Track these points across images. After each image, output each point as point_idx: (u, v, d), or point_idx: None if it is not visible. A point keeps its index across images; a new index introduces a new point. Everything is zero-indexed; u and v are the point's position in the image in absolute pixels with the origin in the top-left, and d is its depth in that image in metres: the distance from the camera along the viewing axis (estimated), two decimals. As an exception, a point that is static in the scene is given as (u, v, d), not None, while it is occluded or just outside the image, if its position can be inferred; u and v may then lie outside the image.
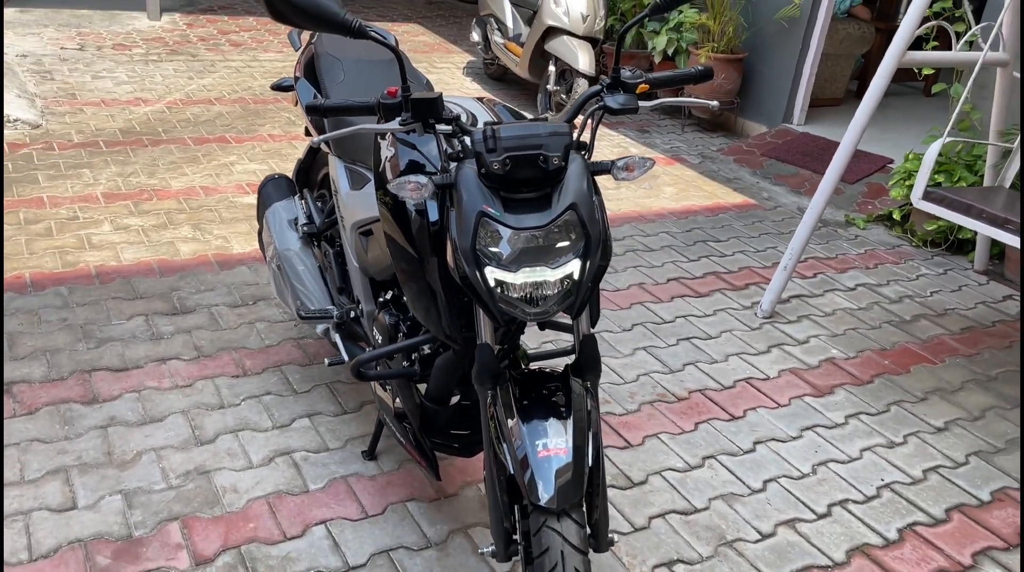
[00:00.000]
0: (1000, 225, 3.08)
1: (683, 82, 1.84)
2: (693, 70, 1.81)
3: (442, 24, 8.15)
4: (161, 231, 3.56)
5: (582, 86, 5.39)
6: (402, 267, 1.85)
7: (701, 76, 1.82)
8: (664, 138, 5.74)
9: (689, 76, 1.82)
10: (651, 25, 6.05)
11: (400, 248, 1.83)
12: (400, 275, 1.87)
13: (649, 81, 1.78)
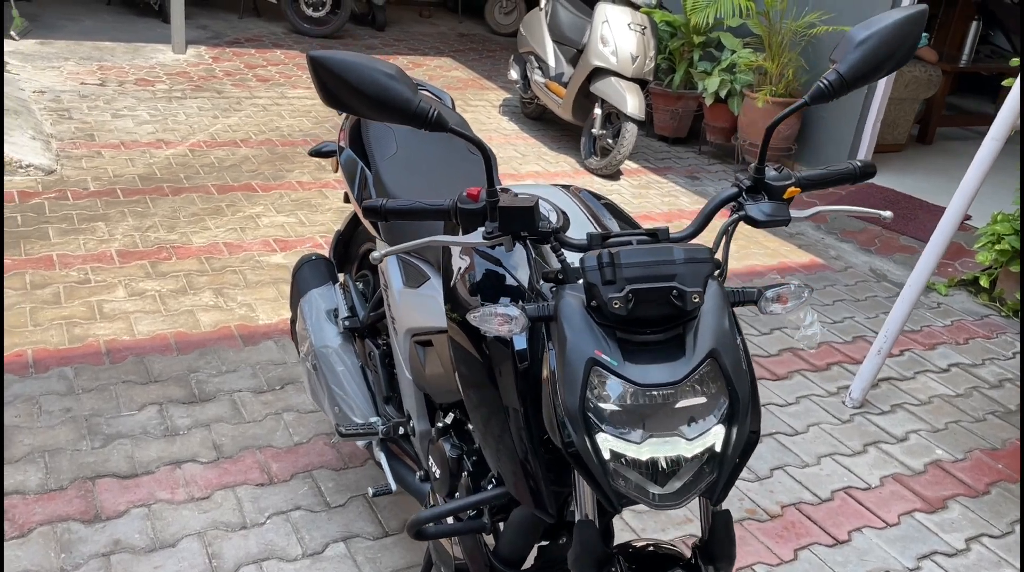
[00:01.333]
0: None
1: (839, 182, 1.47)
2: (852, 167, 1.44)
3: (475, 58, 7.85)
4: (180, 297, 3.22)
5: (630, 130, 5.04)
6: (475, 401, 1.48)
7: (862, 174, 1.45)
8: (716, 185, 5.37)
9: (847, 174, 1.45)
10: (702, 65, 5.71)
11: (473, 378, 1.47)
12: (472, 409, 1.50)
13: (800, 183, 1.42)
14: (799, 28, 5.19)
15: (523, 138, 5.85)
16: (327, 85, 1.25)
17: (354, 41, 7.75)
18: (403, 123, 1.26)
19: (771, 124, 1.33)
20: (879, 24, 1.31)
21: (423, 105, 1.25)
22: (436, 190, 1.96)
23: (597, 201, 1.70)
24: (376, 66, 1.24)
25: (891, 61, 1.32)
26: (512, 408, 1.36)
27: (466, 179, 2.05)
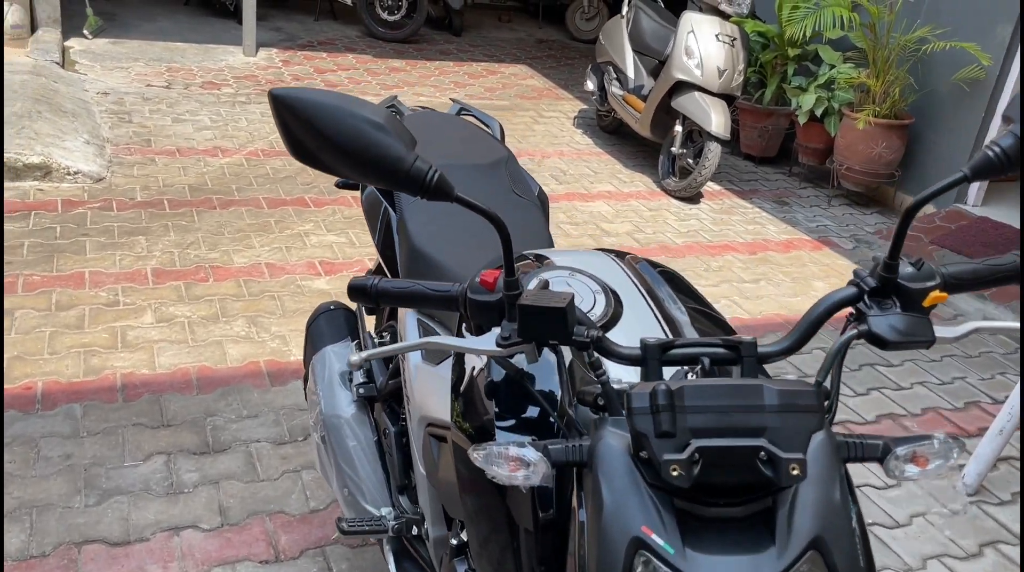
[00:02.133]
0: None
1: (1001, 280, 1.07)
2: (1012, 263, 1.05)
3: (552, 66, 7.51)
4: (210, 326, 2.98)
5: (713, 150, 4.62)
6: (484, 534, 1.15)
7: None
8: (807, 213, 4.89)
9: (1013, 271, 1.05)
10: (796, 80, 5.23)
11: (484, 510, 1.13)
12: (469, 519, 1.18)
13: (948, 285, 1.03)
14: (908, 43, 4.68)
15: (597, 154, 5.49)
16: (292, 132, 0.93)
17: (429, 46, 7.51)
18: (391, 187, 0.94)
19: (913, 205, 0.95)
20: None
21: (419, 165, 0.92)
22: (475, 244, 1.63)
23: (659, 276, 1.34)
24: (357, 110, 0.92)
25: None
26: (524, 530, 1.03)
27: (518, 232, 1.72)
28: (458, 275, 1.54)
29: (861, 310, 1.01)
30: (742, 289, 3.84)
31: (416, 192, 0.96)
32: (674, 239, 4.32)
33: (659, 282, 1.32)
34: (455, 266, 1.58)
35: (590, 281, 1.21)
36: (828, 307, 1.02)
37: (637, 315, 1.20)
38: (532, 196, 1.83)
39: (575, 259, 1.33)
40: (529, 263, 1.32)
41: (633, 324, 1.17)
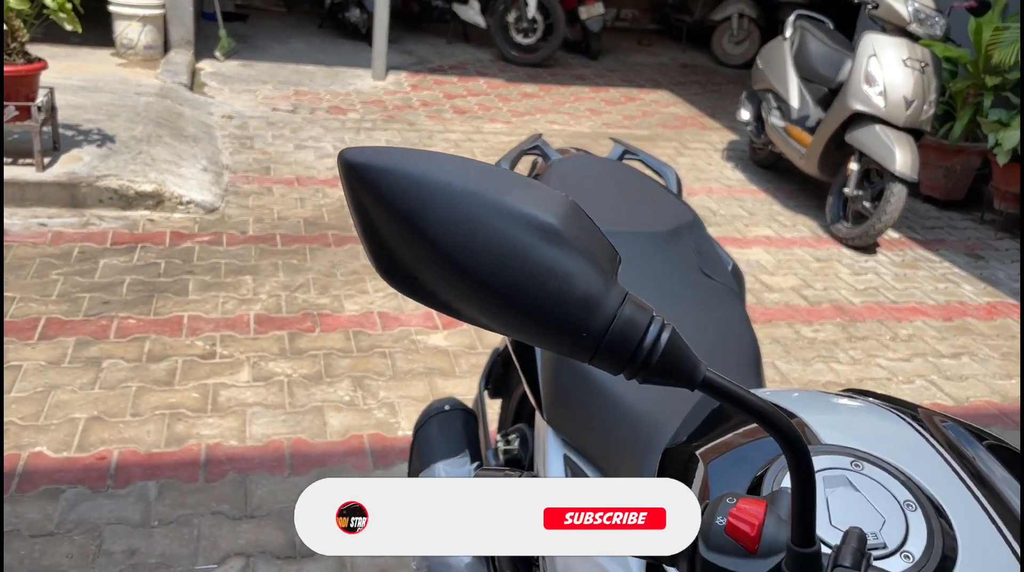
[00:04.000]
0: None
1: None
2: None
3: (697, 92, 6.93)
4: (311, 387, 2.59)
5: (897, 193, 3.94)
6: None
7: None
8: (1009, 270, 4.12)
9: None
10: (994, 113, 4.47)
11: None
12: None
13: None
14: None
15: (751, 191, 4.88)
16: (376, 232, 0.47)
17: (564, 70, 7.09)
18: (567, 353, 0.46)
19: None
20: None
21: (630, 316, 0.44)
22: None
23: (992, 456, 0.79)
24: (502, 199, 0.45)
25: None
26: None
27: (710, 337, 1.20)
28: (639, 417, 1.03)
29: None
30: (940, 366, 3.16)
31: (620, 366, 0.49)
32: (850, 298, 3.66)
33: (998, 472, 0.76)
34: (636, 401, 1.06)
35: (892, 480, 0.68)
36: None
37: (985, 555, 0.66)
38: (726, 276, 1.31)
39: (845, 424, 0.80)
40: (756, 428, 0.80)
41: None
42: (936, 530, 0.65)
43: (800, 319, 3.44)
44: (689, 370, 0.51)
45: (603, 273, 0.49)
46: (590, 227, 0.52)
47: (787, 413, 0.82)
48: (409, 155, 0.50)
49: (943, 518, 0.67)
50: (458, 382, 2.70)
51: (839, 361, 3.15)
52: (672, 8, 8.65)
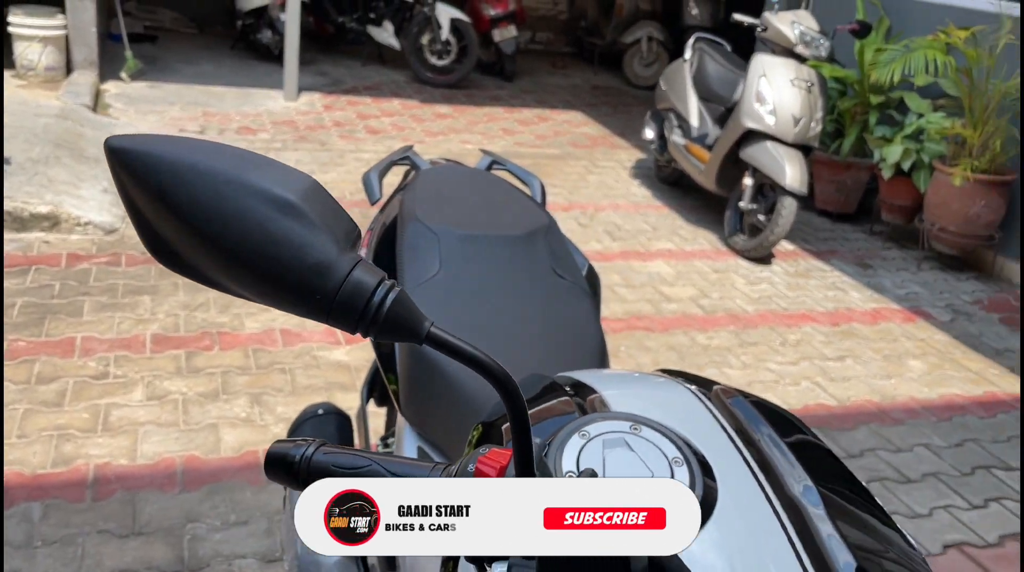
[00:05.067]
0: None
1: None
2: None
3: (608, 113, 7.12)
4: (207, 405, 2.58)
5: (788, 206, 4.13)
6: None
7: None
8: (894, 278, 4.35)
9: None
10: (879, 130, 4.73)
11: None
12: None
13: None
14: (1010, 90, 4.16)
15: (655, 207, 5.04)
16: (140, 211, 0.52)
17: (479, 91, 7.20)
18: (306, 314, 0.53)
19: None
20: None
21: (359, 279, 0.51)
22: (516, 346, 1.19)
23: (766, 424, 0.87)
24: (245, 176, 0.51)
25: None
26: None
27: (559, 333, 1.27)
28: (481, 404, 1.10)
29: None
30: (825, 368, 3.32)
31: (353, 326, 0.55)
32: (744, 306, 3.82)
33: (769, 435, 0.85)
34: (472, 383, 1.14)
35: (664, 440, 0.75)
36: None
37: (743, 507, 0.74)
38: (578, 277, 1.38)
39: (638, 396, 0.88)
40: (564, 402, 0.87)
41: (735, 521, 0.71)
42: (698, 482, 0.73)
43: (696, 327, 3.57)
44: (415, 326, 0.57)
45: (337, 243, 0.55)
46: (329, 203, 0.57)
47: (588, 389, 0.89)
48: (165, 140, 0.55)
49: (708, 472, 0.75)
50: (358, 396, 2.72)
51: (731, 366, 3.28)
52: (584, 31, 8.88)
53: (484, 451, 0.63)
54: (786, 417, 0.90)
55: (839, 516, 0.76)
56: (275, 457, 0.69)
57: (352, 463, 0.67)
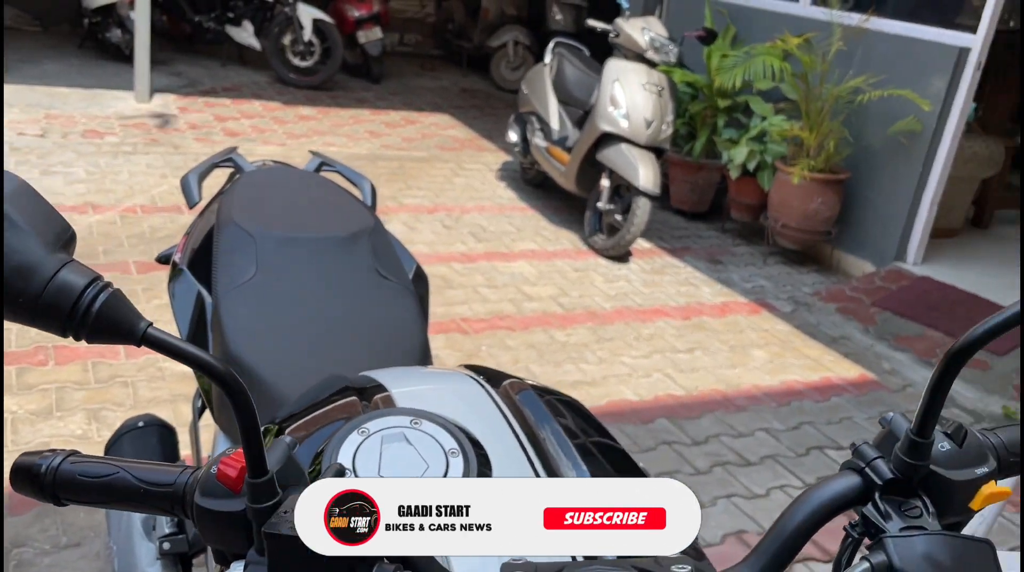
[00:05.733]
0: None
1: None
2: None
3: (476, 116, 7.18)
4: (39, 423, 2.44)
5: (642, 206, 4.28)
6: None
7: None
8: (742, 272, 4.58)
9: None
10: (727, 132, 4.98)
11: None
12: None
13: (1005, 464, 0.64)
14: (842, 94, 4.46)
15: (520, 208, 5.12)
16: None
17: (345, 93, 7.11)
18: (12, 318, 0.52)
19: (959, 349, 0.55)
20: None
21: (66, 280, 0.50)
22: (315, 351, 1.19)
23: (547, 414, 0.91)
24: None
25: None
26: None
27: (377, 333, 1.28)
28: (285, 403, 1.09)
29: (871, 520, 0.60)
30: (676, 361, 3.47)
31: (61, 328, 0.54)
32: (602, 304, 3.93)
33: (549, 423, 0.89)
34: (283, 386, 1.13)
35: (443, 432, 0.77)
36: (817, 510, 0.61)
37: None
38: (403, 278, 1.40)
39: (427, 392, 0.90)
40: (350, 403, 0.88)
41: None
42: (472, 471, 0.75)
43: (556, 325, 3.65)
44: (130, 328, 0.56)
45: (46, 245, 0.54)
46: (39, 205, 0.56)
47: (380, 388, 0.91)
48: None
49: (484, 461, 0.77)
50: (206, 406, 2.64)
51: (587, 361, 3.37)
52: (452, 35, 8.91)
53: (230, 451, 0.63)
54: (566, 400, 0.94)
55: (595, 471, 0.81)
56: (21, 469, 0.66)
57: (99, 472, 0.65)
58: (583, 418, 0.93)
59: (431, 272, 3.97)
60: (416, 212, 4.75)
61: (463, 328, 3.48)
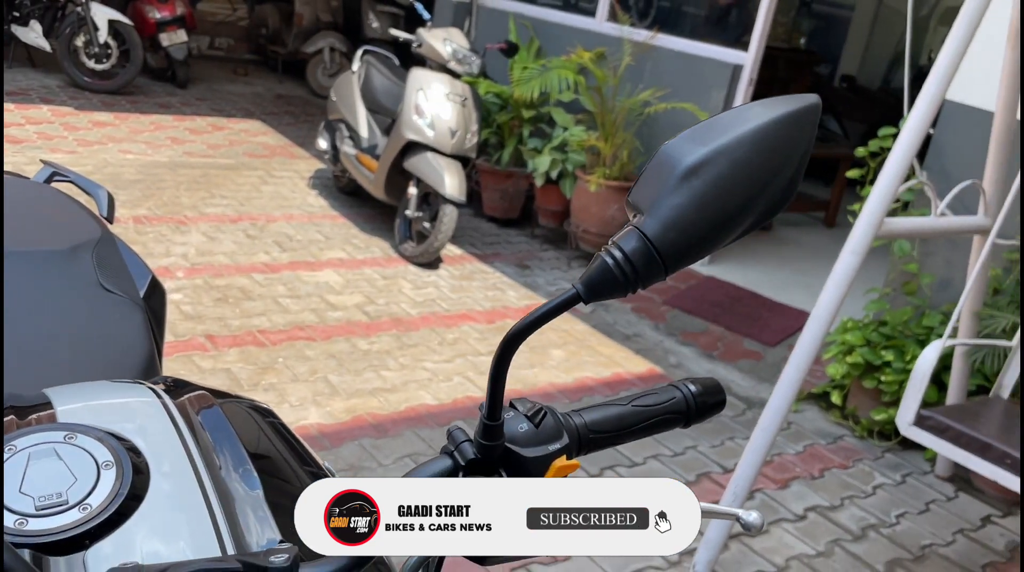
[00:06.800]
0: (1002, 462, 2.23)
1: (658, 426, 0.79)
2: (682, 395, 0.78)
3: (290, 123, 7.05)
4: None
5: (449, 214, 4.38)
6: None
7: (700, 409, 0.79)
8: (548, 276, 4.77)
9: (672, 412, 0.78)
10: (532, 142, 5.17)
11: None
12: None
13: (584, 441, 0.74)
14: (633, 106, 4.75)
15: (331, 217, 5.08)
16: None
17: (145, 98, 6.78)
18: None
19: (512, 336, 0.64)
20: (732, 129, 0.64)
21: None
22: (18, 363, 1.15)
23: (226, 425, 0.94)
24: None
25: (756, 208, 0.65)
26: None
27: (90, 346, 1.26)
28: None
29: None
30: (477, 364, 3.57)
31: None
32: (408, 310, 3.98)
33: (226, 434, 0.92)
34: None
35: (98, 445, 0.79)
36: None
37: (174, 496, 0.80)
38: (132, 291, 1.38)
39: (96, 407, 0.90)
40: (7, 423, 0.88)
41: (160, 514, 0.77)
42: (125, 483, 0.76)
43: (359, 333, 3.66)
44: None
45: None
46: None
47: (43, 404, 0.91)
48: None
49: (142, 472, 0.79)
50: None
51: (389, 368, 3.41)
52: (266, 40, 8.71)
53: None
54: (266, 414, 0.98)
55: (277, 499, 0.85)
56: None
57: None
58: (267, 424, 0.97)
59: (229, 284, 3.89)
60: (218, 222, 4.61)
61: (259, 340, 3.42)
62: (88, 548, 0.73)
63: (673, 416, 0.78)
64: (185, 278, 3.85)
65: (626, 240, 0.62)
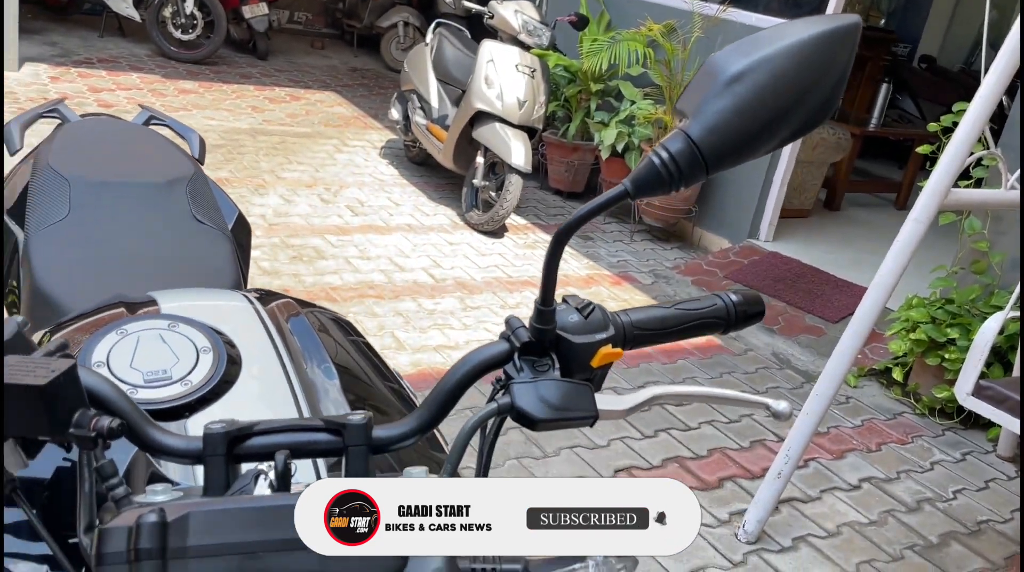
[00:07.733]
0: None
1: (699, 330, 0.86)
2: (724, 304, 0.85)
3: (364, 94, 7.21)
4: None
5: (515, 183, 4.46)
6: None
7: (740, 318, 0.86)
8: (610, 248, 4.82)
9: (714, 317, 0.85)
10: (599, 115, 5.20)
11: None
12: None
13: (629, 337, 0.81)
14: (703, 80, 4.73)
15: (401, 185, 5.22)
16: None
17: (229, 68, 7.03)
18: None
19: (564, 230, 0.71)
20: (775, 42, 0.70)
21: None
22: (114, 283, 1.29)
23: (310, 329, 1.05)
24: None
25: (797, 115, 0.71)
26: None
27: (187, 271, 1.39)
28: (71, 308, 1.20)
29: (509, 374, 0.75)
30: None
31: None
32: (473, 275, 4.09)
33: (309, 336, 1.03)
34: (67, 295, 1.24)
35: (198, 333, 0.90)
36: (472, 369, 0.76)
37: (262, 381, 0.91)
38: (221, 224, 1.50)
39: (193, 305, 1.02)
40: (116, 313, 1.00)
41: (250, 394, 0.87)
42: (220, 366, 0.88)
43: (425, 294, 3.79)
44: None
45: None
46: None
47: (149, 301, 1.03)
48: None
49: (235, 359, 0.90)
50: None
51: (452, 328, 3.52)
52: (343, 14, 8.89)
53: None
54: (336, 319, 1.08)
55: (354, 391, 0.95)
56: None
57: None
58: (347, 332, 1.07)
59: (304, 243, 4.06)
60: (294, 186, 4.80)
61: (331, 296, 3.58)
62: (188, 418, 0.85)
63: (714, 321, 0.84)
64: (263, 237, 4.03)
65: (672, 141, 0.68)
